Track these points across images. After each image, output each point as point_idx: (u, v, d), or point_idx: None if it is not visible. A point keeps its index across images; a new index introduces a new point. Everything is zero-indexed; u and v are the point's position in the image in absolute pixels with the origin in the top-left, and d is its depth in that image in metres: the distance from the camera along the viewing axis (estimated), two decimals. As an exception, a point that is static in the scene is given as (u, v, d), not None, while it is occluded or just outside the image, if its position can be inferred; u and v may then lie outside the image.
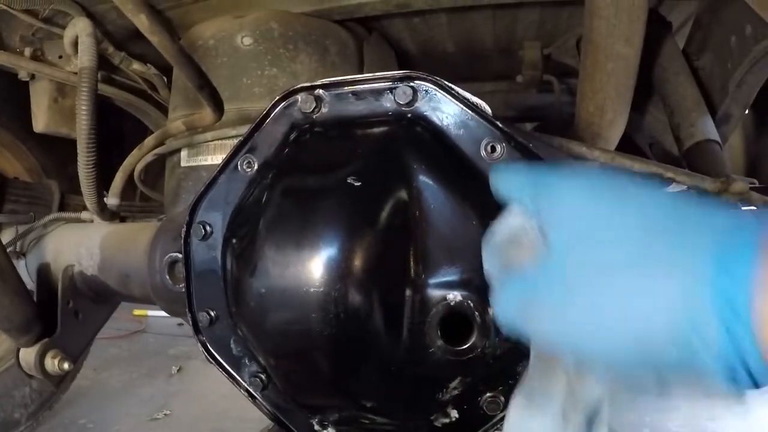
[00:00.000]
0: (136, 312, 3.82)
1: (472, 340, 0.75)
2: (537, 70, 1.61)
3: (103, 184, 1.32)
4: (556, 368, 0.57)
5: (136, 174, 1.41)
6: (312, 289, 0.74)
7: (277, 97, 0.85)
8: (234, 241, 0.88)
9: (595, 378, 0.56)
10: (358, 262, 0.74)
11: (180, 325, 3.57)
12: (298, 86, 0.84)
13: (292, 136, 0.85)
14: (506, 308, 0.56)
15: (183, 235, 0.93)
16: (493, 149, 0.77)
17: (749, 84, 1.29)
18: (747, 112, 1.42)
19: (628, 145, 1.42)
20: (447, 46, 1.69)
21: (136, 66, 1.54)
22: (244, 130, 0.89)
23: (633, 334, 0.46)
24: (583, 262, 0.49)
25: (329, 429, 0.92)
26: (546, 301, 0.52)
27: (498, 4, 1.38)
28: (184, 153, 1.32)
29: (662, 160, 1.46)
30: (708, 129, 1.32)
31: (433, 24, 1.55)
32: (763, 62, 1.22)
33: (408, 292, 0.75)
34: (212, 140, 1.24)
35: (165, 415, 2.38)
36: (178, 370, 2.89)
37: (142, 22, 1.03)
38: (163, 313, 3.80)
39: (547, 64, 1.61)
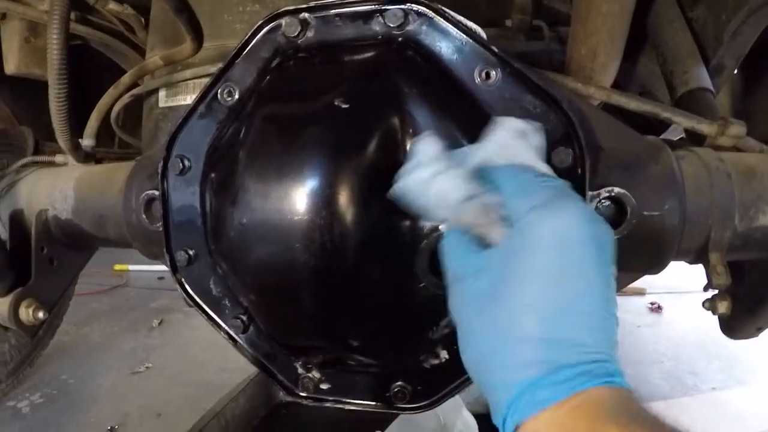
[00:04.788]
0: (117, 267, 3.80)
1: (463, 274, 0.72)
2: (527, 14, 1.56)
3: (79, 130, 1.27)
4: None
5: (112, 116, 1.36)
6: (296, 218, 0.70)
7: (260, 21, 0.80)
8: (213, 175, 0.84)
9: None
10: (344, 189, 0.70)
11: (161, 278, 3.54)
12: (283, 9, 0.79)
13: (275, 62, 0.81)
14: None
15: (160, 171, 0.88)
16: (488, 75, 0.74)
17: (744, 35, 1.27)
18: (735, 72, 1.40)
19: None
20: (434, -10, 1.63)
21: (112, 6, 1.47)
22: (226, 68, 0.85)
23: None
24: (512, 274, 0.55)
25: (314, 372, 0.89)
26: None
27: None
28: (162, 93, 1.26)
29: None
30: (702, 77, 1.29)
31: (421, -35, 1.49)
32: (761, 12, 1.19)
33: (397, 223, 0.72)
34: (191, 78, 1.18)
35: (147, 368, 2.38)
36: (159, 324, 2.88)
37: None
38: (144, 267, 3.77)
39: (538, 9, 1.57)
